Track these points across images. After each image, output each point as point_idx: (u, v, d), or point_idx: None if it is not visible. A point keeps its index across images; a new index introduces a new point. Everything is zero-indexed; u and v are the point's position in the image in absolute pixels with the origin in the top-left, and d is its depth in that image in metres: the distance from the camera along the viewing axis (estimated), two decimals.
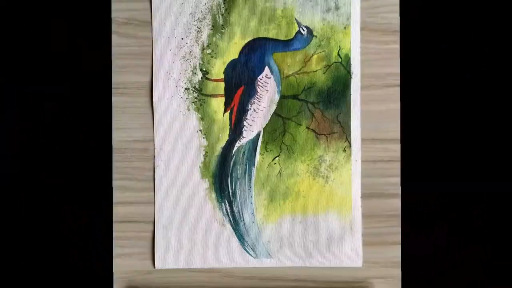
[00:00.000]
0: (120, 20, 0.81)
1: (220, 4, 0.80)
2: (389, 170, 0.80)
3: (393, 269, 0.80)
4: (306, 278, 0.81)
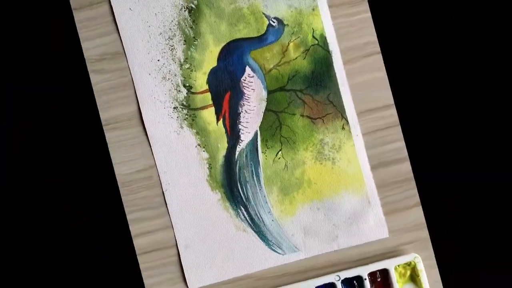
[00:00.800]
0: (93, 58, 0.81)
1: (186, 17, 0.80)
2: (391, 136, 0.81)
3: (420, 231, 0.80)
4: (337, 262, 0.81)
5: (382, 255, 0.80)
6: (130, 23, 0.80)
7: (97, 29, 0.81)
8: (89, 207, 0.86)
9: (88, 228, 0.87)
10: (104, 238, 0.84)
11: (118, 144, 0.81)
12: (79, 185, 0.87)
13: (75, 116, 0.87)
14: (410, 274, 0.79)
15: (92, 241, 0.87)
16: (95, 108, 0.81)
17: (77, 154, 0.87)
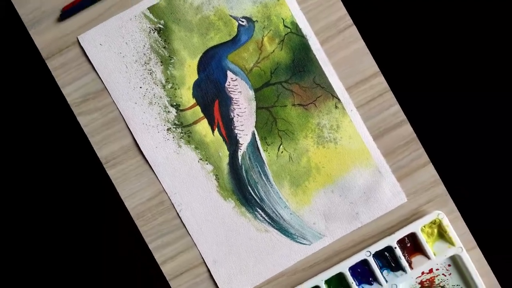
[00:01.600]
0: (76, 101, 0.81)
1: (157, 39, 0.80)
2: (385, 103, 0.81)
3: (436, 188, 0.80)
4: (363, 238, 0.81)
5: (406, 220, 0.80)
6: (104, 59, 0.80)
7: (73, 72, 0.81)
8: (89, 209, 0.86)
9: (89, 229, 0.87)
10: (131, 272, 0.84)
11: (122, 178, 0.80)
12: (79, 185, 0.87)
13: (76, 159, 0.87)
14: (438, 232, 0.80)
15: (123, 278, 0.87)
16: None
17: (77, 154, 0.87)
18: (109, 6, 0.81)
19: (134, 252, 0.81)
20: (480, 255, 0.80)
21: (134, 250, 0.80)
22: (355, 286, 0.78)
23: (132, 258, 0.81)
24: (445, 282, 0.80)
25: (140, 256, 0.81)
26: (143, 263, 0.82)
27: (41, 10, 0.81)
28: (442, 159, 0.84)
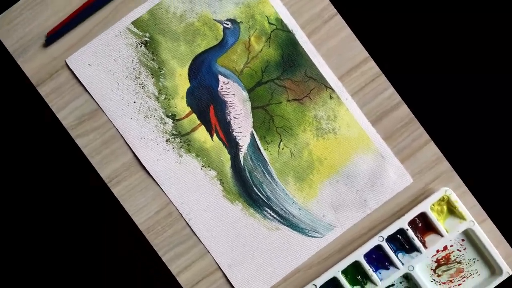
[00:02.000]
0: (72, 124, 0.81)
1: (144, 52, 0.80)
2: (379, 87, 0.81)
3: (440, 164, 0.80)
4: (374, 224, 0.81)
5: (414, 200, 0.80)
6: (94, 78, 0.80)
7: (65, 96, 0.81)
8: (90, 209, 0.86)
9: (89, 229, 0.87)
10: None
11: (127, 195, 0.80)
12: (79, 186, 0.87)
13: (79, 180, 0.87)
14: (447, 208, 0.80)
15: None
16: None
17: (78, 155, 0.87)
18: (93, 25, 0.81)
19: (134, 252, 0.81)
20: (492, 226, 0.80)
21: (134, 250, 0.80)
22: (371, 272, 0.78)
23: (132, 258, 0.81)
24: (461, 257, 0.80)
25: (140, 256, 0.81)
26: (143, 263, 0.82)
27: (26, 38, 0.81)
28: (443, 137, 0.84)
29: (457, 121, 0.88)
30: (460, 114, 0.88)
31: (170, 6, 0.80)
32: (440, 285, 0.80)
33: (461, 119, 0.88)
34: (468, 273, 0.80)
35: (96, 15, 0.81)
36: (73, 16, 0.80)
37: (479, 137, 0.88)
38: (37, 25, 0.81)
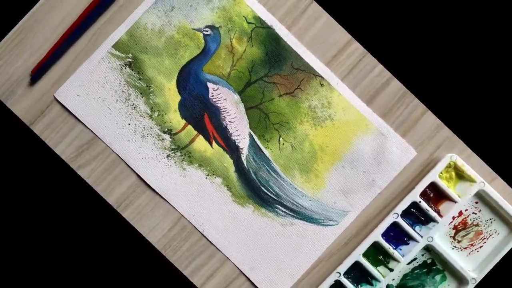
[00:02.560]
0: (72, 156, 0.81)
1: (130, 73, 0.80)
2: (367, 66, 0.81)
3: (441, 132, 0.80)
4: (386, 202, 0.81)
5: (422, 172, 0.80)
6: (85, 108, 0.80)
7: (60, 130, 0.81)
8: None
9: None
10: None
11: (138, 217, 0.80)
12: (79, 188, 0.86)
13: None
14: (456, 174, 0.80)
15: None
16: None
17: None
18: (74, 56, 0.81)
19: (134, 252, 0.81)
20: (503, 184, 0.80)
21: (134, 250, 0.80)
22: (392, 250, 0.78)
23: (132, 258, 0.81)
24: (478, 219, 0.80)
25: (140, 256, 0.81)
26: (143, 263, 0.82)
27: (11, 80, 0.81)
28: (439, 105, 0.83)
29: (450, 87, 0.88)
30: (451, 79, 0.88)
31: (147, 23, 0.80)
32: (462, 250, 0.80)
33: (453, 84, 0.88)
34: (487, 234, 0.80)
35: (76, 45, 0.81)
36: (53, 50, 0.80)
37: (474, 99, 0.88)
38: (20, 66, 0.81)
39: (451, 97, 0.88)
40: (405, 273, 0.80)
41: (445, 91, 0.88)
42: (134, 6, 0.81)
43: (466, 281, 0.78)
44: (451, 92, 0.88)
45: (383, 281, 0.79)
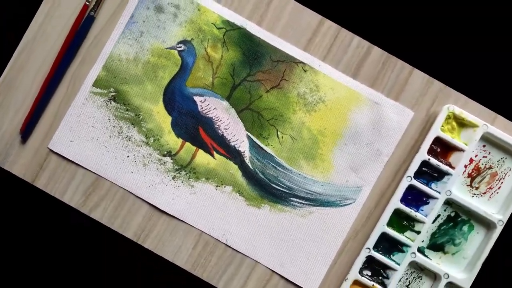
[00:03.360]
0: (80, 201, 0.80)
1: (116, 106, 0.80)
2: (345, 41, 0.81)
3: (432, 86, 0.80)
4: (397, 168, 0.80)
5: (423, 130, 0.80)
6: (82, 151, 0.80)
7: (63, 179, 0.81)
8: None
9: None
10: None
11: (160, 244, 0.80)
12: None
13: None
14: (457, 123, 0.79)
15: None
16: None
17: None
18: (58, 103, 0.81)
19: (134, 252, 0.81)
20: (505, 121, 0.80)
21: (134, 250, 0.80)
22: (414, 213, 0.79)
23: (132, 258, 0.81)
24: (489, 162, 0.80)
25: (140, 256, 0.81)
26: (143, 263, 0.82)
27: (2, 143, 0.81)
28: (424, 61, 0.83)
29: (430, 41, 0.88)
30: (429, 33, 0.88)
31: (120, 54, 0.80)
32: (482, 196, 0.80)
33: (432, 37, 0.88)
34: (502, 173, 0.80)
35: (57, 93, 0.81)
36: (36, 104, 0.80)
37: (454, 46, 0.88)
38: (7, 127, 0.81)
39: (433, 51, 0.88)
40: (432, 232, 0.80)
41: (425, 47, 0.87)
42: (103, 41, 0.81)
43: (494, 224, 0.78)
44: (432, 46, 0.88)
45: (413, 245, 0.79)
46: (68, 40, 0.80)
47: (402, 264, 0.79)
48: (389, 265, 0.79)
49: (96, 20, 0.81)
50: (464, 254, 0.80)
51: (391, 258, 0.79)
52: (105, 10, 0.81)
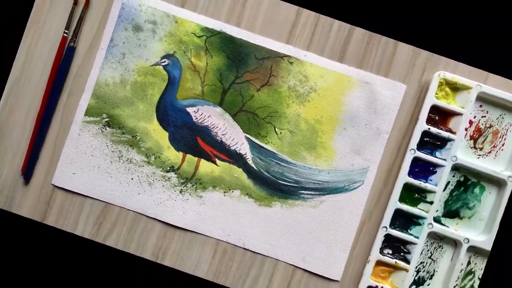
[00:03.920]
0: (93, 232, 0.80)
1: (112, 131, 0.80)
2: (325, 27, 0.81)
3: (419, 56, 0.80)
4: (399, 143, 0.80)
5: (418, 100, 0.80)
6: (86, 182, 0.80)
7: (72, 212, 0.81)
8: None
9: None
10: None
11: (179, 260, 0.80)
12: None
13: None
14: (450, 88, 0.80)
15: None
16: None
17: None
18: (54, 138, 0.81)
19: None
20: (498, 78, 0.80)
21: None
22: (424, 184, 0.79)
23: (132, 258, 0.81)
24: (489, 121, 0.80)
25: (140, 256, 0.81)
26: (143, 263, 0.82)
27: (6, 188, 0.81)
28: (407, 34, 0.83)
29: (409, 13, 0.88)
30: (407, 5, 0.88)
31: (107, 80, 0.80)
32: (487, 156, 0.80)
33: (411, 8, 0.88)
34: (503, 130, 0.80)
35: (51, 128, 0.81)
36: (32, 143, 0.80)
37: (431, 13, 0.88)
38: (8, 170, 0.81)
39: (414, 22, 0.88)
40: (445, 200, 0.80)
41: (406, 19, 0.87)
42: (87, 69, 0.81)
43: (504, 182, 0.79)
44: (413, 18, 0.88)
45: (428, 216, 0.79)
46: (53, 75, 0.80)
47: (421, 237, 0.79)
48: (408, 240, 0.79)
49: (77, 50, 0.81)
50: (480, 216, 0.80)
51: (409, 233, 0.80)
52: (84, 38, 0.81)
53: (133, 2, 0.80)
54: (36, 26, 0.81)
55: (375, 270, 0.80)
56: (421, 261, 0.80)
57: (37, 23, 0.81)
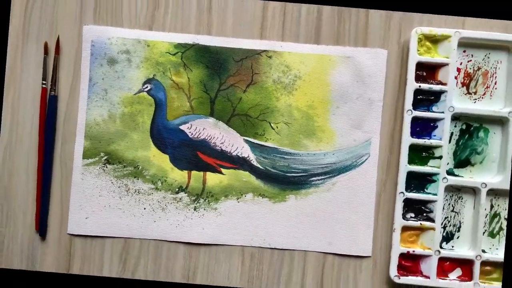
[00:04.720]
0: (120, 270, 0.81)
1: (113, 168, 0.80)
2: (294, 14, 0.81)
3: (393, 18, 0.80)
4: (393, 107, 0.80)
5: (402, 62, 0.80)
6: (101, 223, 0.80)
7: (95, 257, 0.81)
8: None
9: None
10: None
11: (210, 275, 0.81)
12: None
13: None
14: (431, 42, 0.79)
15: None
16: None
17: None
18: (59, 188, 0.81)
19: None
20: (474, 20, 0.80)
21: None
22: (429, 140, 0.79)
23: (164, 285, 0.81)
24: (476, 63, 0.80)
25: (171, 281, 0.81)
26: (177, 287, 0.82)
27: (24, 249, 0.81)
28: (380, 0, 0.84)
29: None
30: None
31: (96, 119, 0.80)
32: (483, 97, 0.80)
33: None
34: (492, 69, 0.80)
35: (53, 180, 0.81)
36: (38, 198, 0.80)
37: None
38: (24, 232, 0.81)
39: None
40: (453, 151, 0.80)
41: None
42: (74, 113, 0.81)
43: (506, 119, 0.79)
44: None
45: (440, 171, 0.79)
46: (42, 128, 0.80)
47: (439, 193, 0.79)
48: (427, 199, 0.79)
49: (59, 97, 0.81)
50: (491, 158, 0.80)
51: (426, 192, 0.80)
52: (63, 84, 0.81)
53: (102, 37, 0.81)
54: (13, 85, 0.81)
55: (402, 237, 0.80)
56: (445, 216, 0.80)
57: (14, 82, 0.81)
